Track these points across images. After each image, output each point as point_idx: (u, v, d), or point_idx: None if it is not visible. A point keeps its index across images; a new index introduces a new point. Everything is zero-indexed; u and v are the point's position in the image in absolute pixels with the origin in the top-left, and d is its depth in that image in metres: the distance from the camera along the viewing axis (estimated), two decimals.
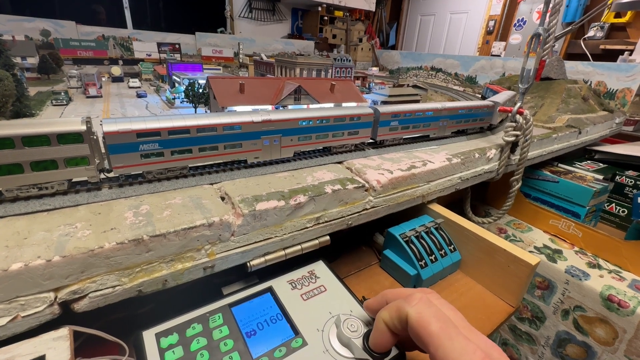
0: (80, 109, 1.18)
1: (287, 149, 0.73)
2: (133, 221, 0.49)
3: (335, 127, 0.78)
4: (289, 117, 0.70)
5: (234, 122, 0.63)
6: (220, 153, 0.64)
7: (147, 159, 0.57)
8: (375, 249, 0.91)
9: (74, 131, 0.50)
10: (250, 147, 0.67)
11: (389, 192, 0.77)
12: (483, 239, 0.77)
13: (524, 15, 4.33)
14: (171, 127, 0.57)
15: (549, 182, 1.38)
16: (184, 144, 0.59)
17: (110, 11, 3.57)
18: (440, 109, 0.98)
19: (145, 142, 0.55)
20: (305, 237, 0.65)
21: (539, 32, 0.91)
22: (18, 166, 0.47)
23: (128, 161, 0.55)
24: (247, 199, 0.58)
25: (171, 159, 0.59)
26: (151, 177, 0.60)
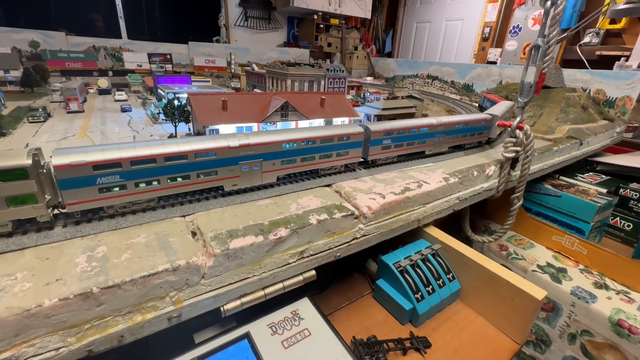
0: (57, 126, 1.12)
1: (269, 174, 0.67)
2: (84, 268, 0.43)
3: (322, 149, 0.72)
4: (270, 140, 0.64)
5: (208, 149, 0.57)
6: (193, 182, 0.58)
7: (107, 193, 0.51)
8: (368, 277, 0.85)
9: (17, 166, 0.43)
10: (227, 174, 0.61)
11: (381, 218, 0.71)
12: (484, 268, 0.71)
13: (519, 22, 4.32)
14: (134, 157, 0.51)
15: (551, 196, 1.33)
16: (150, 174, 0.53)
17: (104, 21, 3.54)
18: (436, 125, 0.93)
19: (103, 174, 0.49)
20: (287, 273, 0.59)
21: (538, 44, 0.86)
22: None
23: (84, 196, 0.49)
24: (221, 235, 0.52)
25: (135, 191, 0.53)
26: (113, 211, 0.53)
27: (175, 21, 4.03)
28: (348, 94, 2.11)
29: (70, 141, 0.96)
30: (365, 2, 4.75)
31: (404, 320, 0.70)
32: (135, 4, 3.67)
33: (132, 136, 1.04)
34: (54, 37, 2.49)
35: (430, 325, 0.71)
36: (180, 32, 3.92)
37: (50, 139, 0.97)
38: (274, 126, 0.97)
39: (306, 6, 4.12)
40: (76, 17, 3.32)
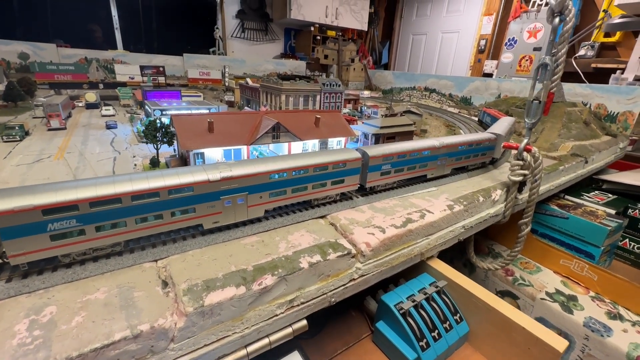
0: (34, 145, 1.05)
1: (256, 208, 0.60)
2: (23, 340, 0.35)
3: (316, 178, 0.65)
4: (256, 171, 0.57)
5: (183, 184, 0.50)
6: (167, 222, 0.51)
7: (61, 240, 0.43)
8: (366, 316, 0.77)
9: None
10: (206, 211, 0.54)
11: (381, 255, 0.64)
12: (496, 311, 0.64)
13: (514, 35, 4.34)
14: (94, 197, 0.43)
15: (558, 217, 1.27)
16: (115, 216, 0.46)
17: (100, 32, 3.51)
18: (438, 147, 0.87)
19: (56, 219, 0.42)
20: (274, 326, 0.51)
21: (546, 62, 0.81)
22: None
23: (31, 246, 0.41)
24: (196, 288, 0.45)
25: (97, 236, 0.46)
26: (70, 260, 0.46)
27: (172, 33, 4.02)
28: (345, 107, 2.06)
29: (44, 164, 0.89)
30: (362, 15, 4.78)
31: None
32: (132, 15, 3.65)
33: (113, 157, 0.97)
34: (44, 49, 2.43)
35: None
36: (177, 44, 3.90)
37: (22, 161, 0.90)
38: (265, 147, 0.90)
39: (303, 18, 4.12)
40: (71, 29, 3.29)
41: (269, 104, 1.57)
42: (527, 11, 4.06)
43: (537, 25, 4.02)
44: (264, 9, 4.43)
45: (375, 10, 5.45)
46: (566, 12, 0.76)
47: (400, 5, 5.71)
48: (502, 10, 4.40)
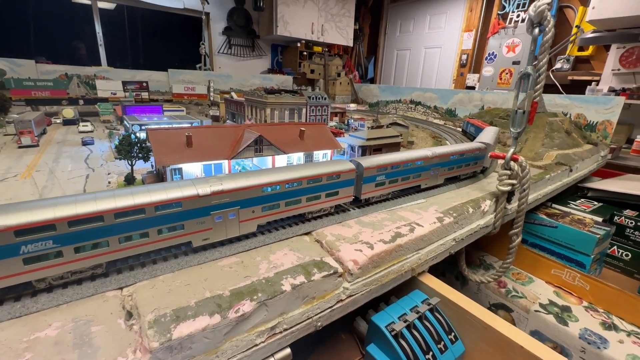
0: (1, 164, 0.98)
1: (248, 223, 0.57)
2: None
3: (310, 190, 0.63)
4: (248, 184, 0.54)
5: (171, 199, 0.46)
6: (153, 240, 0.47)
7: (36, 264, 0.39)
8: (357, 338, 0.72)
9: None
10: (196, 228, 0.50)
11: (369, 273, 0.60)
12: (492, 329, 0.61)
13: (494, 49, 4.50)
14: (72, 216, 0.40)
15: (547, 227, 1.26)
16: (96, 235, 0.42)
17: (84, 49, 3.47)
18: (431, 157, 0.86)
19: (30, 241, 0.38)
20: (254, 358, 0.46)
21: (528, 72, 0.82)
22: None
23: (2, 271, 0.37)
24: (164, 319, 0.40)
25: (75, 257, 0.42)
26: (45, 285, 0.41)
27: (157, 49, 4.01)
28: (332, 120, 2.05)
29: (8, 183, 0.83)
30: (347, 31, 4.89)
31: None
32: (116, 32, 3.63)
33: (85, 175, 0.91)
34: (22, 65, 2.37)
35: None
36: (163, 60, 3.89)
37: None
38: (249, 162, 0.87)
39: (289, 34, 4.18)
40: (54, 46, 3.24)
41: (254, 117, 1.54)
42: (505, 27, 4.24)
43: (515, 40, 4.18)
44: (251, 25, 4.49)
45: (360, 26, 5.59)
46: (545, 23, 0.77)
47: (384, 22, 5.88)
48: (481, 27, 4.57)
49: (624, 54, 3.15)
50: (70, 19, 3.32)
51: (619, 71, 3.21)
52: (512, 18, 4.19)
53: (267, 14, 4.21)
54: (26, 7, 3.06)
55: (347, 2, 4.80)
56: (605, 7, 2.57)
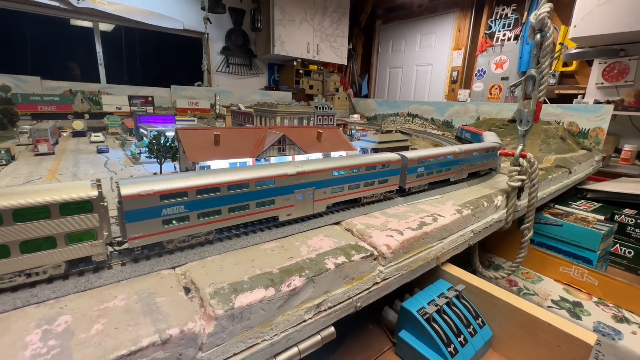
0: (21, 169, 0.99)
1: (320, 203, 0.65)
2: (37, 350, 0.31)
3: (366, 176, 0.72)
4: (323, 167, 0.63)
5: (268, 176, 0.55)
6: (252, 212, 0.55)
7: (170, 225, 0.47)
8: (385, 328, 0.74)
9: (82, 199, 0.39)
10: (283, 203, 0.59)
11: (400, 258, 0.62)
12: (520, 310, 0.63)
13: (483, 66, 4.70)
14: (200, 185, 0.48)
15: (552, 225, 1.30)
16: (213, 204, 0.50)
17: (84, 68, 3.52)
18: (458, 152, 0.95)
19: (169, 204, 0.46)
20: (303, 333, 0.48)
21: (532, 74, 0.88)
22: (3, 249, 0.36)
23: (148, 229, 0.45)
24: (223, 291, 0.42)
25: (197, 222, 0.49)
26: (172, 246, 0.49)
27: (155, 69, 4.08)
28: None
29: (35, 185, 0.84)
30: (341, 50, 5.06)
31: None
32: (115, 52, 3.70)
33: (109, 177, 0.93)
34: (27, 82, 2.39)
35: None
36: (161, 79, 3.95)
37: (11, 182, 0.85)
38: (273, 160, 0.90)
39: (286, 53, 4.31)
40: (56, 64, 3.29)
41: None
42: (492, 45, 4.45)
43: (502, 57, 4.39)
44: (248, 45, 4.62)
45: (353, 46, 5.80)
46: (546, 29, 0.84)
47: (377, 42, 6.11)
48: (470, 45, 4.79)
49: (606, 68, 3.33)
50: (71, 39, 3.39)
51: (603, 85, 3.38)
52: (499, 37, 4.40)
53: (265, 34, 4.36)
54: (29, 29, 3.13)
55: (340, 23, 5.00)
56: (585, 26, 2.74)
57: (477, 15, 4.53)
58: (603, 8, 2.55)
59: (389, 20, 5.65)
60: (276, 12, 4.13)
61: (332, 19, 4.89)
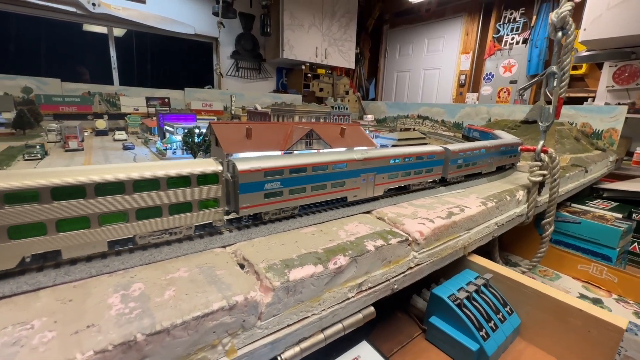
0: (56, 162, 1.03)
1: (379, 187, 0.72)
2: (121, 310, 0.34)
3: (416, 165, 0.79)
4: (382, 154, 0.70)
5: (341, 160, 0.63)
6: (327, 192, 0.63)
7: (268, 199, 0.55)
8: (414, 316, 0.75)
9: (213, 172, 0.48)
10: (351, 185, 0.66)
11: (432, 245, 0.65)
12: (549, 297, 0.64)
13: (491, 70, 4.72)
14: (293, 165, 0.56)
15: (570, 223, 1.31)
16: (301, 182, 0.58)
17: (97, 71, 3.60)
18: (489, 147, 0.99)
19: (269, 180, 0.54)
20: (347, 311, 0.50)
21: (553, 71, 0.90)
22: (157, 210, 0.44)
23: (253, 201, 0.53)
24: (276, 266, 0.44)
25: (288, 198, 0.57)
26: (267, 218, 0.57)
27: (165, 73, 4.14)
28: None
29: None
30: (349, 54, 5.11)
31: None
32: (127, 57, 3.77)
33: None
34: (48, 84, 2.47)
35: None
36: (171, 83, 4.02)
37: None
38: None
39: (295, 58, 4.37)
40: (70, 68, 3.37)
41: None
42: (501, 49, 4.46)
43: (511, 61, 4.39)
44: (258, 50, 4.69)
45: (360, 50, 5.85)
46: (567, 27, 0.86)
47: (384, 46, 6.16)
48: (478, 49, 4.81)
49: (617, 71, 3.32)
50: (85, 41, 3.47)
51: (613, 88, 3.37)
52: (507, 40, 4.41)
53: (274, 38, 4.42)
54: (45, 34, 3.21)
55: (348, 28, 5.05)
56: (595, 29, 2.75)
57: (485, 19, 4.55)
58: (613, 11, 2.56)
59: (397, 25, 5.69)
60: (285, 17, 4.20)
61: (340, 23, 4.94)
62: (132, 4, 3.46)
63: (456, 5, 4.77)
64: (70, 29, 3.32)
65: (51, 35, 3.24)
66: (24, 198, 0.35)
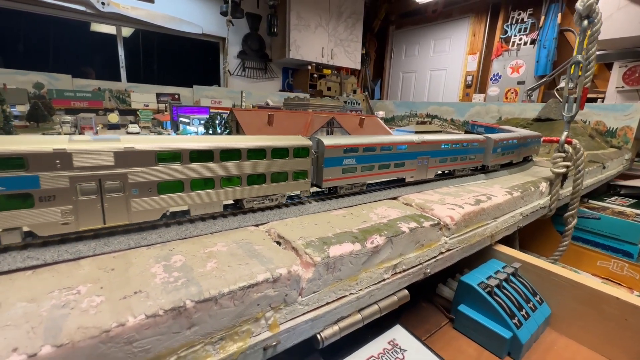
0: None
1: (432, 170, 0.76)
2: (165, 279, 0.33)
3: (462, 152, 0.82)
4: (436, 139, 0.73)
5: (403, 142, 0.66)
6: (390, 171, 0.66)
7: (345, 174, 0.59)
8: (439, 305, 0.74)
9: (306, 146, 0.52)
10: (409, 167, 0.70)
11: (461, 231, 0.63)
12: (582, 285, 0.63)
13: (498, 71, 4.70)
14: (366, 143, 0.60)
15: (589, 219, 1.29)
16: (371, 160, 0.62)
17: (105, 70, 3.61)
18: (519, 137, 1.02)
19: (347, 157, 0.58)
20: (382, 292, 0.49)
21: (578, 60, 0.89)
22: (262, 177, 0.48)
23: (334, 175, 0.57)
24: (314, 243, 0.43)
25: (360, 174, 0.61)
26: (342, 192, 0.61)
27: (172, 71, 4.16)
28: None
29: None
30: (355, 55, 5.11)
31: (502, 353, 0.59)
32: (135, 56, 3.78)
33: None
34: (59, 79, 2.48)
35: (532, 358, 0.60)
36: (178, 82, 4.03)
37: None
38: None
39: (301, 58, 4.38)
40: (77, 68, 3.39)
41: None
42: (508, 50, 4.44)
43: (519, 62, 4.37)
44: (264, 50, 4.70)
45: (366, 51, 5.85)
46: (593, 15, 0.85)
47: (390, 47, 6.16)
48: (485, 50, 4.79)
49: (627, 72, 3.29)
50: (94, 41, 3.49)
51: (623, 88, 3.33)
52: (515, 41, 4.39)
53: (280, 38, 4.43)
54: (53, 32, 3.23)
55: (355, 28, 5.06)
56: (605, 29, 2.72)
57: (493, 20, 4.54)
58: (623, 11, 2.54)
59: (403, 26, 5.69)
60: (292, 18, 4.21)
61: (347, 24, 4.95)
62: (141, 4, 3.48)
63: (463, 6, 4.76)
64: (79, 28, 3.35)
65: (60, 34, 3.26)
66: (170, 158, 0.40)
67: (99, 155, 0.35)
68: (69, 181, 0.33)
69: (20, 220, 0.32)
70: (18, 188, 0.31)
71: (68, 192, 0.33)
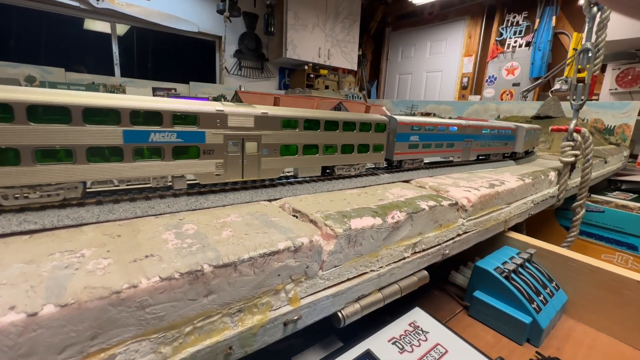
0: None
1: (474, 153, 0.84)
2: (178, 245, 0.30)
3: (498, 137, 0.87)
4: (478, 124, 0.77)
5: (453, 124, 0.72)
6: (443, 150, 0.72)
7: (410, 149, 0.64)
8: (452, 293, 0.71)
9: (384, 121, 0.58)
10: (457, 147, 0.75)
11: (478, 214, 0.61)
12: (601, 270, 0.61)
13: (494, 73, 4.74)
14: (428, 122, 0.66)
15: (593, 212, 1.28)
16: (430, 139, 0.68)
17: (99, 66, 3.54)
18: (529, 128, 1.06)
19: (413, 134, 0.64)
20: (402, 271, 0.46)
21: (587, 48, 0.88)
22: (351, 147, 0.54)
23: (403, 149, 0.63)
24: (333, 216, 0.40)
25: (421, 151, 0.66)
26: (406, 165, 0.67)
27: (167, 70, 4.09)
28: None
29: None
30: (352, 56, 5.12)
31: (521, 339, 0.57)
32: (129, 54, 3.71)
33: None
34: (52, 73, 2.42)
35: (552, 345, 0.58)
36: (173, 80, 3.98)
37: None
38: None
39: (298, 57, 4.36)
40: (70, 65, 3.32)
41: None
42: (503, 52, 4.49)
43: (514, 64, 4.41)
44: (261, 49, 4.68)
45: (363, 52, 5.87)
46: None
47: (386, 49, 6.19)
48: (481, 52, 4.83)
49: (620, 74, 3.34)
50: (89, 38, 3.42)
51: (616, 90, 3.38)
52: (510, 44, 4.43)
53: (277, 38, 4.41)
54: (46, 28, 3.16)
55: (352, 29, 5.07)
56: None
57: (488, 23, 4.59)
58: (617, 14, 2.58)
59: (399, 27, 5.73)
60: (289, 17, 4.20)
61: (344, 25, 4.96)
62: (136, 0, 3.43)
63: (459, 9, 4.81)
64: (73, 25, 3.27)
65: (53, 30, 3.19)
66: (290, 125, 0.45)
67: (245, 118, 0.41)
68: (224, 138, 0.39)
69: (189, 169, 0.37)
70: (191, 141, 0.37)
71: (221, 148, 0.40)
